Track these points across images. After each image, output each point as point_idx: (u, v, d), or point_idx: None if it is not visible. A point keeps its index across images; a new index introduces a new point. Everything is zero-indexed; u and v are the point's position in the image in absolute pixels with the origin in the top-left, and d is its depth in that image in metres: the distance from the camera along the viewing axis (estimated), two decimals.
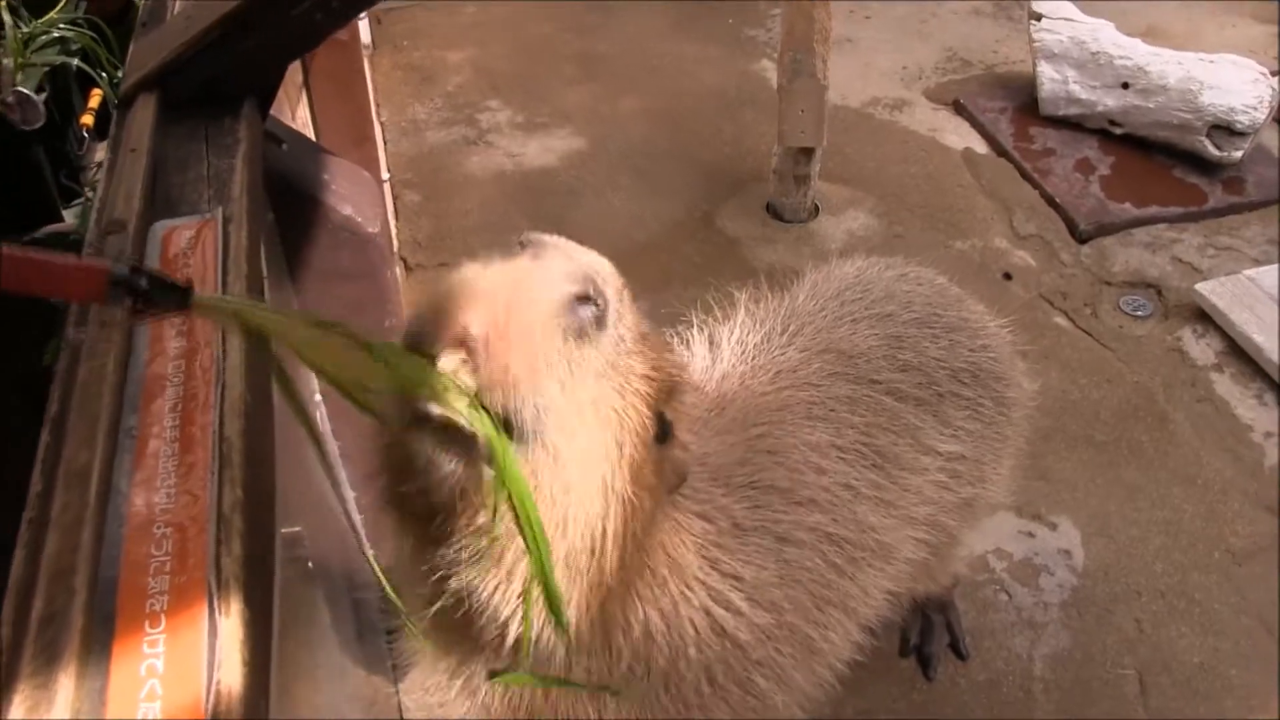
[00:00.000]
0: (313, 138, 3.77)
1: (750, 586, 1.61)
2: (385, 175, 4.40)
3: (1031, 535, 3.12)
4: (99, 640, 0.98)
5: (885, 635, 2.69)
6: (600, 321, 1.17)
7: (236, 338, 1.28)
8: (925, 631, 2.80)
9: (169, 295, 1.06)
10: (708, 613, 1.54)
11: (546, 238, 1.22)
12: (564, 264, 1.18)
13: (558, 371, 1.13)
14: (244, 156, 1.64)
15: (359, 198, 2.00)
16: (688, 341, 2.05)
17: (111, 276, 1.01)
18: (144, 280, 1.03)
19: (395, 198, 4.52)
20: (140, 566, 1.04)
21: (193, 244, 1.45)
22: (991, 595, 2.96)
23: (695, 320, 2.10)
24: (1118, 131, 4.64)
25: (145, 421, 1.20)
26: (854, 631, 1.91)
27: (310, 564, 1.99)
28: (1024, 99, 4.97)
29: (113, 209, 1.50)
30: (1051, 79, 4.73)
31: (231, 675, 0.95)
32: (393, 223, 4.28)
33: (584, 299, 1.15)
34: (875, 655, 2.01)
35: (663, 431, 1.29)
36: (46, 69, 2.46)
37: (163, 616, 0.99)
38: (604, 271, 1.22)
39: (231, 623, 0.99)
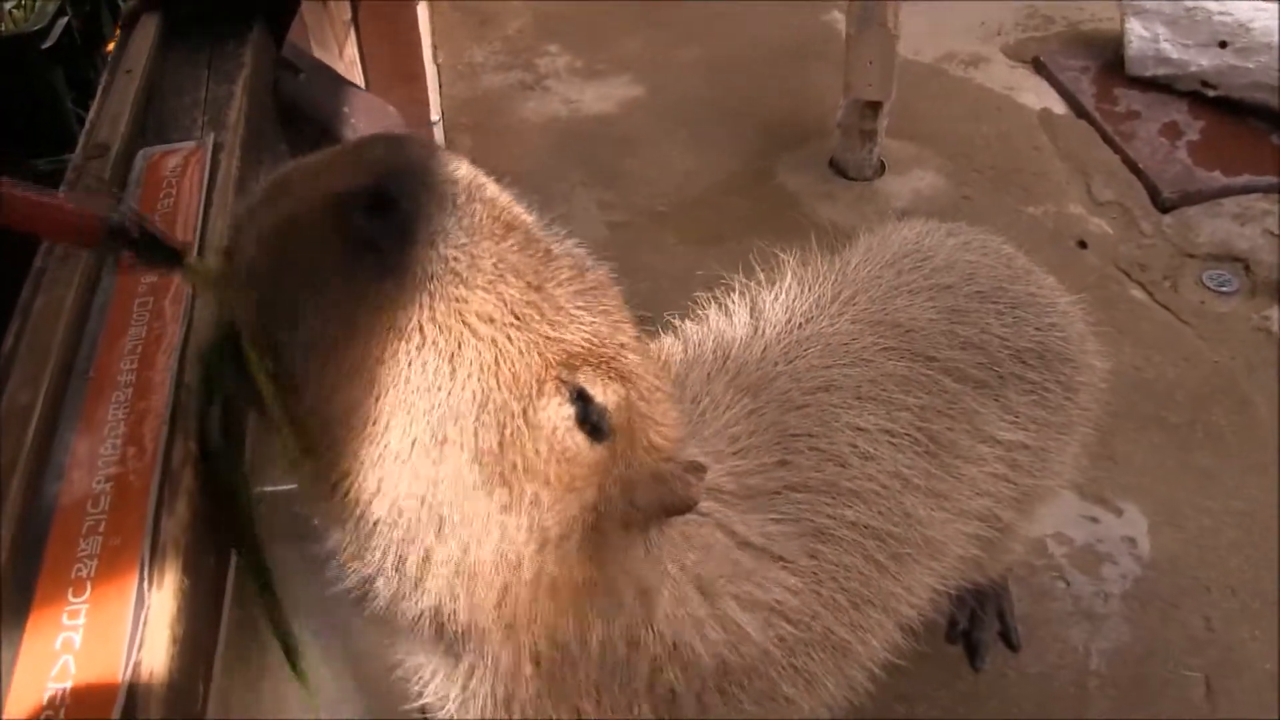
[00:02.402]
0: (360, 76, 3.67)
1: (766, 606, 1.46)
2: (435, 117, 4.28)
3: (1095, 520, 2.93)
4: (15, 607, 0.86)
5: (931, 620, 2.55)
6: (404, 234, 0.94)
7: None
8: (974, 617, 2.63)
9: (158, 253, 1.00)
10: (693, 640, 1.37)
11: (404, 134, 1.02)
12: (366, 154, 0.95)
13: (311, 298, 0.93)
14: (245, 82, 1.52)
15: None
16: (727, 307, 1.89)
17: (109, 225, 0.96)
18: (138, 231, 0.98)
19: (448, 141, 4.40)
20: (72, 525, 0.92)
21: (178, 173, 1.33)
22: (1048, 582, 2.78)
23: (737, 283, 1.93)
24: (1211, 94, 4.35)
25: (102, 361, 1.09)
26: (894, 633, 1.77)
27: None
28: (1109, 58, 4.69)
29: (99, 132, 1.38)
30: (1140, 36, 4.44)
31: (155, 655, 0.83)
32: None
33: (380, 203, 0.92)
34: (919, 639, 1.86)
35: (584, 413, 1.06)
36: None
37: (89, 584, 0.88)
38: (437, 173, 0.97)
39: (163, 595, 0.87)
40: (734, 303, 1.88)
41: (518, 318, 1.00)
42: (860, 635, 1.67)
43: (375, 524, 1.03)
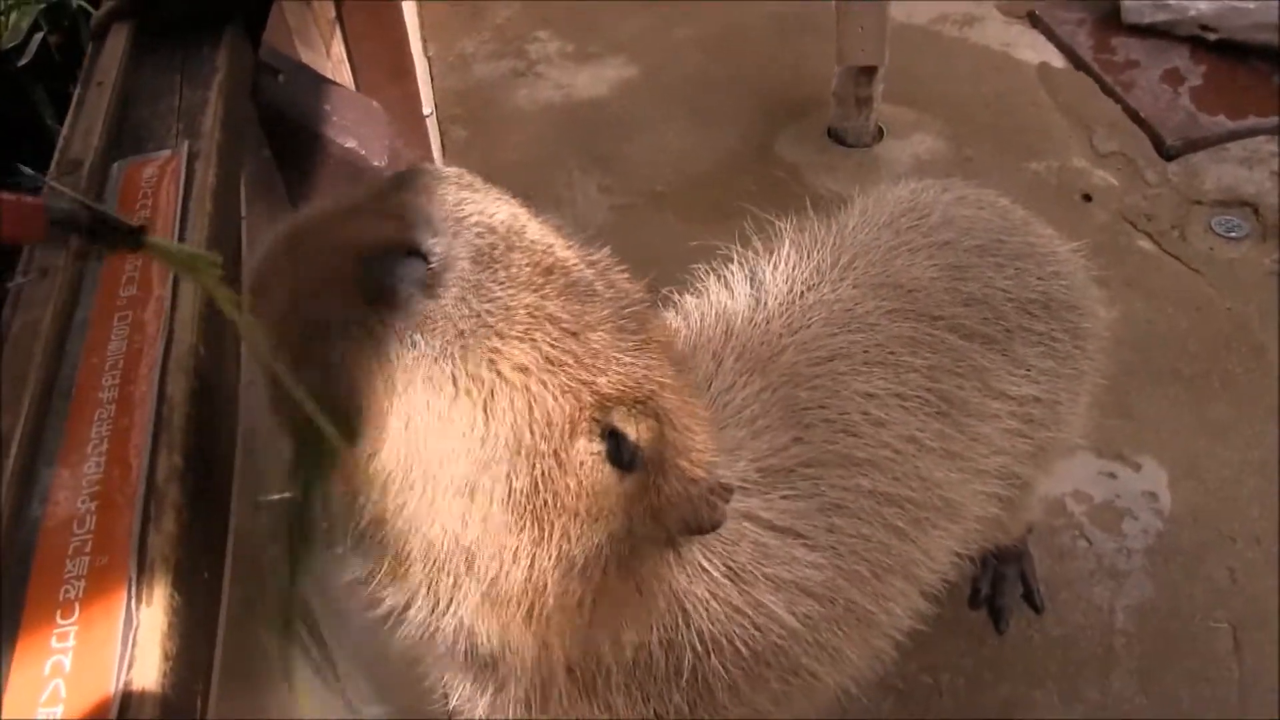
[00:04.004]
0: (349, 73, 3.65)
1: (792, 585, 1.46)
2: (427, 110, 4.25)
3: (1113, 477, 2.90)
4: (2, 633, 0.85)
5: (953, 585, 2.52)
6: (429, 286, 0.91)
7: (190, 284, 1.14)
8: (997, 582, 2.62)
9: (116, 234, 0.96)
10: (730, 631, 1.38)
11: (440, 170, 0.98)
12: (394, 201, 0.93)
13: (337, 345, 0.91)
14: (219, 87, 1.49)
15: (363, 130, 1.85)
16: (727, 279, 1.86)
17: (51, 213, 0.91)
18: (86, 216, 0.94)
19: (442, 134, 4.38)
20: (58, 547, 0.91)
21: (154, 183, 1.31)
22: (1069, 542, 2.76)
23: (735, 253, 1.91)
24: (1211, 38, 4.28)
25: (83, 379, 1.07)
26: (916, 599, 1.75)
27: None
28: (1105, 8, 4.62)
29: (72, 148, 1.37)
30: None
31: (147, 674, 0.82)
32: (439, 159, 4.14)
33: (412, 253, 0.91)
34: (943, 607, 1.84)
35: (617, 450, 1.05)
36: (43, 5, 2.33)
37: (77, 605, 0.87)
38: (473, 222, 0.94)
39: (153, 612, 0.86)
40: (733, 274, 1.86)
41: (553, 364, 0.98)
42: (883, 605, 1.65)
43: (409, 558, 1.05)
